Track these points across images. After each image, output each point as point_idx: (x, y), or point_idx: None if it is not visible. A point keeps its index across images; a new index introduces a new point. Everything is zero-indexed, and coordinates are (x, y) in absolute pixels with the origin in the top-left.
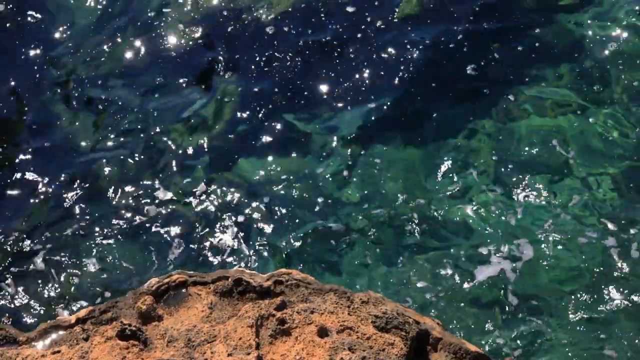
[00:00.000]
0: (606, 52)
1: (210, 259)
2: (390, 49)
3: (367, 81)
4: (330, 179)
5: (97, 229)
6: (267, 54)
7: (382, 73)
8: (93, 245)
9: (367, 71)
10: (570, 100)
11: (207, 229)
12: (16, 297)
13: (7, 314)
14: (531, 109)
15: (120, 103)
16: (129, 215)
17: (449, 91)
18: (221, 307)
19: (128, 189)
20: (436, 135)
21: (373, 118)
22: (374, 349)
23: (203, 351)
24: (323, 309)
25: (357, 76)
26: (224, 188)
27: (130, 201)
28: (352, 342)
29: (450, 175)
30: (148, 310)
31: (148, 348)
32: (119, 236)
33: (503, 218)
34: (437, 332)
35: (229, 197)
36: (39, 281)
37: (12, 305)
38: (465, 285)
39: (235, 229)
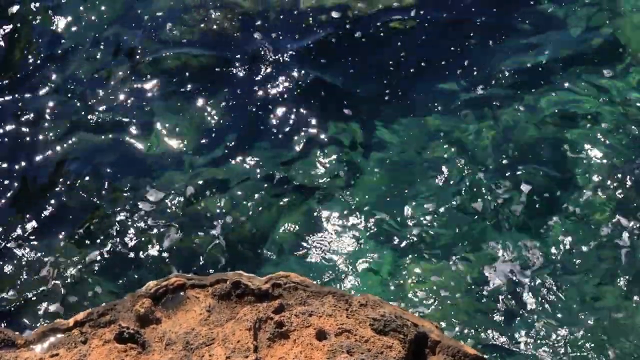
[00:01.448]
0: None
1: (209, 261)
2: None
3: (357, 77)
4: (328, 179)
5: (94, 231)
6: (257, 51)
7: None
8: (91, 248)
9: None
10: (568, 94)
11: (206, 231)
12: (14, 299)
13: (5, 317)
14: (531, 106)
15: (120, 103)
16: (127, 217)
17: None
18: (219, 310)
19: (126, 191)
20: (436, 131)
21: (370, 116)
22: (372, 352)
23: (201, 354)
24: (321, 311)
25: (347, 72)
26: (222, 190)
27: (129, 203)
28: (351, 345)
29: (452, 173)
30: (146, 313)
31: (146, 351)
32: (116, 238)
33: (507, 218)
34: (436, 335)
35: (226, 199)
36: (37, 283)
37: (11, 308)
38: (466, 287)
39: (233, 231)
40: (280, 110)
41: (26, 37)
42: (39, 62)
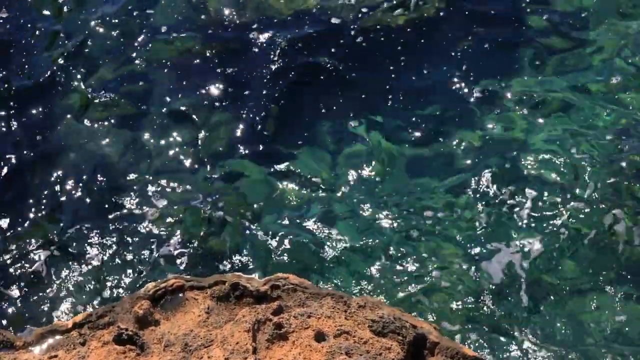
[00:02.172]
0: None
1: (207, 263)
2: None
3: (361, 81)
4: (324, 180)
5: (94, 232)
6: (262, 52)
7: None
8: (90, 250)
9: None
10: (569, 93)
11: (204, 234)
12: (13, 301)
13: (3, 319)
14: (534, 103)
15: (122, 107)
16: (126, 219)
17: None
18: (218, 311)
19: (126, 193)
20: (434, 129)
21: (366, 117)
22: (371, 354)
23: (200, 356)
24: (320, 313)
25: (352, 77)
26: (222, 189)
27: (128, 205)
28: (349, 347)
29: (455, 171)
30: (145, 315)
31: (145, 353)
32: (116, 240)
33: (508, 219)
34: (434, 337)
35: (224, 201)
36: (36, 285)
37: (9, 310)
38: (466, 289)
39: (232, 233)
40: (281, 107)
41: (34, 31)
42: (41, 57)
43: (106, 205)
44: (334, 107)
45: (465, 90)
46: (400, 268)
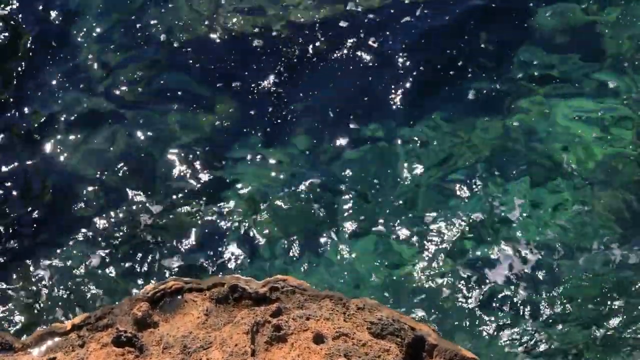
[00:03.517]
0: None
1: (206, 265)
2: (383, 34)
3: (361, 71)
4: (323, 181)
5: (93, 233)
6: (263, 49)
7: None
8: (89, 251)
9: (361, 59)
10: (570, 90)
11: (202, 236)
12: (12, 303)
13: (3, 320)
14: (538, 104)
15: (123, 112)
16: (125, 221)
17: (450, 82)
18: (217, 313)
19: (125, 195)
20: (433, 129)
21: (369, 115)
22: (369, 355)
23: (199, 357)
24: (319, 315)
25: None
26: (217, 194)
27: (127, 208)
28: (348, 349)
29: (451, 173)
30: (144, 317)
31: (144, 354)
32: (115, 242)
33: (506, 220)
34: (433, 339)
35: (222, 203)
36: (35, 288)
37: (8, 312)
38: (464, 291)
39: (230, 235)
40: (280, 103)
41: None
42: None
43: (106, 206)
44: (334, 103)
45: (466, 85)
46: (399, 269)
